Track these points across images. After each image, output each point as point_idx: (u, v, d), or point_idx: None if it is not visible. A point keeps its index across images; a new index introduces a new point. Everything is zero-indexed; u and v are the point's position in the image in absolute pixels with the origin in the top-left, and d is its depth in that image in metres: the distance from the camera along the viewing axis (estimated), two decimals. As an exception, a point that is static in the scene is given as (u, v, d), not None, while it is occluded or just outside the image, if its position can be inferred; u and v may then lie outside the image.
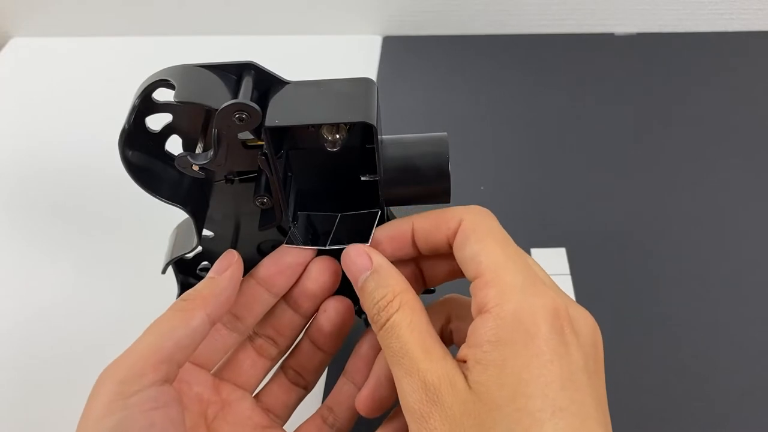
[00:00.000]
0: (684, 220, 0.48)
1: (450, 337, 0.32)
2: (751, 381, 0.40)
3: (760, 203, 0.49)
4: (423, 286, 0.33)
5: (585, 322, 0.27)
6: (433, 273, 0.32)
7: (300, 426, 0.33)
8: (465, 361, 0.26)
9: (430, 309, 0.32)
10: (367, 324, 0.38)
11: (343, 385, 0.34)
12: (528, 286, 0.26)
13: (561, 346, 0.25)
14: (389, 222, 0.31)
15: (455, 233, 0.29)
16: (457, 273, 0.30)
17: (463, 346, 0.26)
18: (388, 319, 0.27)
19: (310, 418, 0.34)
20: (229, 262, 0.30)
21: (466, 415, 0.24)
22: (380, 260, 0.29)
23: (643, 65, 0.61)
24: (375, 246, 0.30)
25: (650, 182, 0.51)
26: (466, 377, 0.25)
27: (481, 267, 0.27)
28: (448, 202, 0.32)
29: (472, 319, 0.27)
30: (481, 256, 0.27)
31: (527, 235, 0.47)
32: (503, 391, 0.24)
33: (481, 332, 0.25)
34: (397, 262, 0.31)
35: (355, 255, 0.29)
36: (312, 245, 0.32)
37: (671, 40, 0.63)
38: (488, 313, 0.25)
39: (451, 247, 0.29)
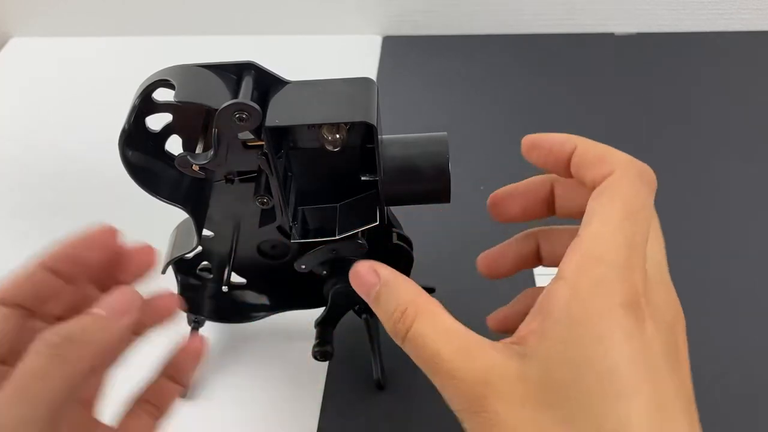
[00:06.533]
0: (683, 220, 0.48)
1: (539, 261, 0.33)
2: (751, 382, 0.40)
3: (759, 203, 0.49)
4: (549, 214, 0.32)
5: (667, 307, 0.25)
6: (565, 205, 0.31)
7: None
8: (522, 341, 0.24)
9: (519, 237, 0.33)
10: (367, 325, 0.38)
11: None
12: (617, 261, 0.24)
13: (635, 329, 0.23)
14: (555, 134, 0.30)
15: (602, 179, 0.26)
16: None
17: (527, 320, 0.25)
18: (407, 330, 0.26)
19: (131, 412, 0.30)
20: (130, 304, 0.25)
21: (526, 398, 0.23)
22: (387, 273, 0.28)
23: (643, 65, 0.61)
24: (530, 147, 0.30)
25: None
26: (524, 356, 0.24)
27: (587, 228, 0.25)
28: (448, 202, 0.32)
29: (563, 244, 0.25)
30: (594, 216, 0.25)
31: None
32: (568, 367, 0.23)
33: (552, 299, 0.24)
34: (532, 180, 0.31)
35: (363, 272, 0.28)
36: (317, 237, 0.32)
37: (671, 40, 0.63)
38: (564, 281, 0.24)
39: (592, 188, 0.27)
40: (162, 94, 0.29)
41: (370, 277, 0.28)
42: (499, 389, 0.23)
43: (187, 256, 0.35)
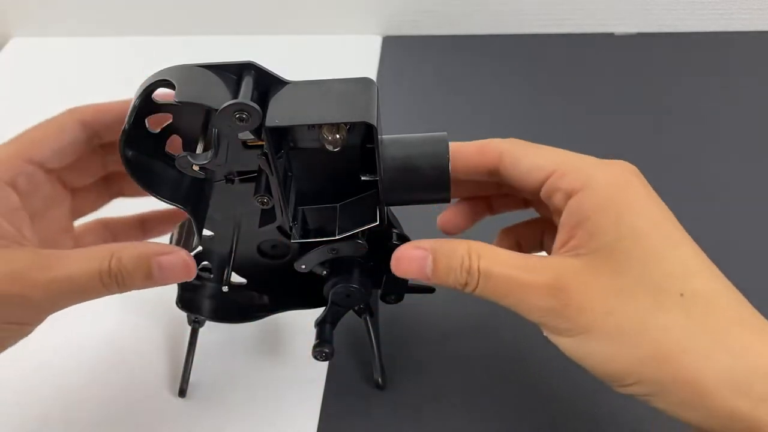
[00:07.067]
0: (683, 219, 0.48)
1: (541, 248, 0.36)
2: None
3: (760, 202, 0.49)
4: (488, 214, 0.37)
5: None
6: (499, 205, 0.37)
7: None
8: (568, 242, 0.29)
9: (526, 224, 0.37)
10: (367, 325, 0.38)
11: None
12: (599, 161, 0.30)
13: (653, 195, 0.29)
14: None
15: (497, 161, 0.32)
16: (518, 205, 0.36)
17: (561, 232, 0.29)
18: (479, 273, 0.29)
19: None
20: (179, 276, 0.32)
21: (598, 276, 0.27)
22: (430, 241, 0.30)
23: (643, 65, 0.61)
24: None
25: (649, 182, 0.51)
26: (579, 255, 0.28)
27: (547, 169, 0.30)
28: (449, 202, 0.32)
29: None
30: (540, 161, 0.30)
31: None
32: (624, 241, 0.27)
33: (583, 206, 0.28)
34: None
35: (408, 253, 0.30)
36: (317, 237, 0.32)
37: (671, 40, 0.63)
38: (584, 191, 0.29)
39: (488, 174, 0.32)
40: (162, 95, 0.29)
41: (417, 253, 0.30)
42: (574, 281, 0.27)
43: (187, 256, 0.35)
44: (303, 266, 0.34)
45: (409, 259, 0.30)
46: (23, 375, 0.42)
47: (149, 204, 0.38)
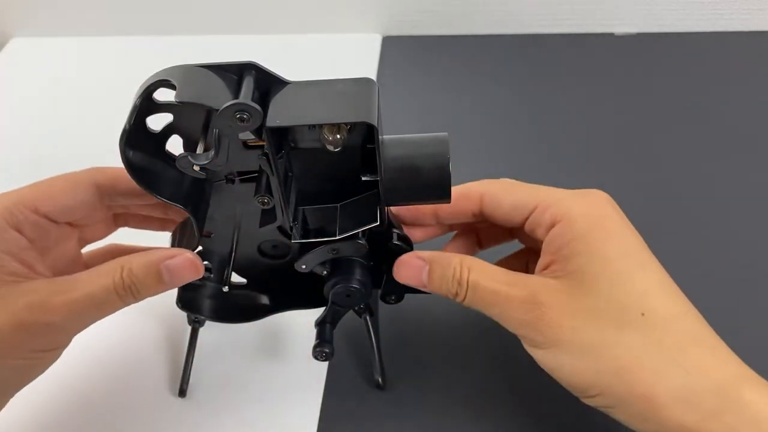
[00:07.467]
0: (683, 220, 0.48)
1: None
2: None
3: (761, 203, 0.49)
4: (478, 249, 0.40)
5: None
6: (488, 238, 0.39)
7: None
8: (549, 266, 0.31)
9: (512, 256, 0.39)
10: (367, 326, 0.38)
11: None
12: (575, 193, 0.32)
13: (624, 223, 0.31)
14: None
15: (479, 204, 0.35)
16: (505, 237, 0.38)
17: (542, 257, 0.32)
18: (467, 284, 0.31)
19: None
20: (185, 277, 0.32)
21: (571, 296, 0.30)
22: (429, 253, 0.33)
23: (643, 65, 0.61)
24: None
25: (650, 182, 0.51)
26: (557, 277, 0.30)
27: (528, 207, 0.33)
28: (449, 202, 0.32)
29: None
30: (521, 201, 0.33)
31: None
32: (595, 264, 0.30)
33: (563, 235, 0.31)
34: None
35: (409, 261, 0.33)
36: (318, 238, 0.32)
37: (671, 40, 0.63)
38: (563, 222, 0.31)
39: (473, 216, 0.35)
40: (163, 94, 0.29)
41: (416, 262, 0.33)
42: (549, 298, 0.30)
43: (187, 256, 0.35)
44: (303, 266, 0.34)
45: (408, 267, 0.33)
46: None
47: (153, 234, 0.38)
